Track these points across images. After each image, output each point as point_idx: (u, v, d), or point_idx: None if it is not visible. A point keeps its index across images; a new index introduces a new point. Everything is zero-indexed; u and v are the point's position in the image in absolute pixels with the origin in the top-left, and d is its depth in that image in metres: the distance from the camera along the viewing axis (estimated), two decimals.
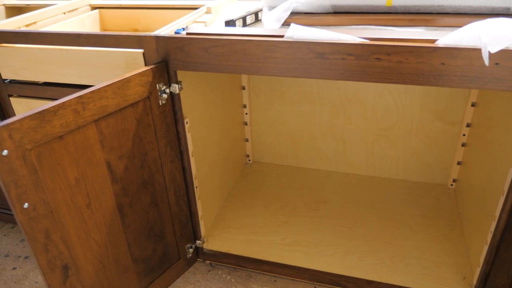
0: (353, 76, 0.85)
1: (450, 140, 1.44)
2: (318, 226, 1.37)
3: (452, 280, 1.15)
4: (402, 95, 1.41)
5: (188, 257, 1.26)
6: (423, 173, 1.54)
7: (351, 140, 1.55)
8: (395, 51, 0.81)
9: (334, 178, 1.60)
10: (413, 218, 1.38)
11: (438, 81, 0.81)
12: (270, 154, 1.69)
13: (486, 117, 1.20)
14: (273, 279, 1.27)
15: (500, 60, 0.76)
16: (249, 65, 0.91)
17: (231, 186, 1.57)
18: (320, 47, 0.85)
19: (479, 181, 1.20)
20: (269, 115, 1.60)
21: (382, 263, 1.22)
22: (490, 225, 0.99)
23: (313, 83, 1.48)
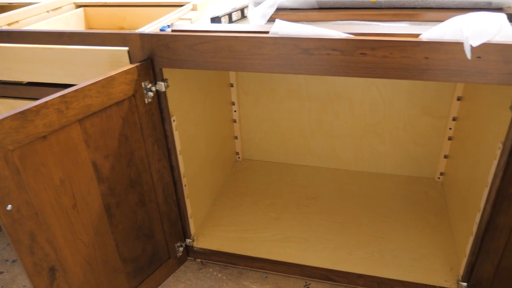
0: (339, 71, 0.85)
1: (437, 134, 1.45)
2: (308, 222, 1.37)
3: (440, 271, 1.16)
4: (389, 90, 1.42)
5: (178, 256, 1.25)
6: (411, 167, 1.55)
7: (340, 136, 1.56)
8: (379, 46, 0.81)
9: (324, 174, 1.60)
10: (402, 212, 1.40)
11: (423, 75, 0.81)
12: (259, 151, 1.70)
13: (471, 110, 1.21)
14: (264, 276, 1.27)
15: (482, 54, 0.77)
16: (236, 62, 0.91)
17: (221, 184, 1.57)
18: (305, 42, 0.85)
19: (465, 174, 1.21)
20: (258, 112, 1.60)
21: (372, 256, 1.23)
22: (475, 217, 1.00)
23: (301, 80, 1.49)
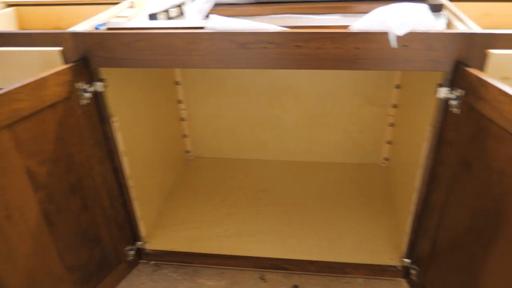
0: (276, 64, 0.87)
1: (379, 121, 1.51)
2: (260, 214, 1.39)
3: (386, 251, 1.22)
4: (333, 82, 1.46)
5: (129, 259, 1.23)
6: (357, 155, 1.61)
7: (289, 128, 1.59)
8: (312, 38, 0.84)
9: (274, 167, 1.63)
10: (350, 198, 1.45)
11: (354, 64, 0.85)
12: (210, 148, 1.69)
13: (407, 97, 1.28)
14: (220, 271, 1.28)
15: (408, 42, 0.81)
16: (175, 59, 0.91)
17: (172, 183, 1.56)
18: (241, 37, 0.86)
19: (404, 157, 1.27)
20: (207, 109, 1.60)
21: (322, 243, 1.26)
22: (413, 197, 1.06)
23: (247, 75, 1.50)
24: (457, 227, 0.91)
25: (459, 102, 0.84)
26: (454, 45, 0.81)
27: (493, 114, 0.75)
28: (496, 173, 0.77)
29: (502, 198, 0.76)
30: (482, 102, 0.78)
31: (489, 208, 0.80)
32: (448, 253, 0.95)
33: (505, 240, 0.76)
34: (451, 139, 0.89)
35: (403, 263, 1.15)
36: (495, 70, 0.85)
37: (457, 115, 0.85)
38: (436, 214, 0.97)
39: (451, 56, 0.82)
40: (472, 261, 0.87)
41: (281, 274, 1.24)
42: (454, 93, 0.85)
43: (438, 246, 0.99)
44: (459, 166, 0.88)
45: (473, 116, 0.81)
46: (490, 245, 0.81)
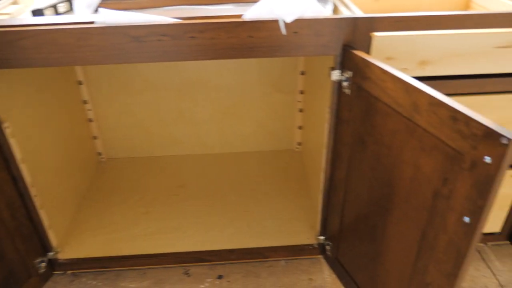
0: (172, 56, 0.87)
1: (289, 108, 1.57)
2: (178, 210, 1.38)
3: (303, 232, 1.28)
4: (240, 72, 1.48)
5: (41, 272, 1.16)
6: (272, 142, 1.65)
7: (201, 121, 1.59)
8: (206, 28, 0.84)
9: (190, 161, 1.62)
10: (267, 184, 1.49)
11: (250, 53, 0.87)
12: (123, 148, 1.64)
13: (311, 83, 1.34)
14: (142, 272, 1.25)
15: (297, 29, 0.85)
16: (64, 56, 0.86)
17: (85, 187, 1.49)
18: (134, 30, 0.84)
19: (314, 140, 1.33)
20: (115, 109, 1.55)
21: (241, 231, 1.29)
22: (321, 176, 1.12)
23: (154, 70, 1.47)
24: (359, 200, 0.97)
25: (349, 83, 0.89)
26: (340, 29, 0.86)
27: (378, 92, 0.82)
28: (385, 147, 0.84)
29: (391, 169, 0.83)
30: (368, 82, 0.84)
31: (382, 179, 0.87)
32: (354, 225, 1.02)
33: (398, 208, 0.83)
34: (347, 118, 0.95)
35: (319, 241, 1.21)
36: (379, 52, 0.92)
37: (349, 95, 0.91)
38: (341, 190, 1.04)
39: (338, 40, 0.87)
40: (374, 230, 0.94)
41: (205, 267, 1.25)
42: (344, 75, 0.90)
43: (345, 220, 1.06)
44: (356, 143, 0.94)
45: (362, 95, 0.87)
46: (387, 213, 0.88)
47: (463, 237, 0.66)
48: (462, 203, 0.65)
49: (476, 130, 0.60)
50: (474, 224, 0.63)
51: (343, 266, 1.12)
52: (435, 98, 0.67)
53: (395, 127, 0.79)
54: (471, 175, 0.63)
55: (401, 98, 0.75)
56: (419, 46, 0.91)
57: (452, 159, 0.67)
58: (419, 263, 0.79)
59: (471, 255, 0.65)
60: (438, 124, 0.68)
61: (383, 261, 0.92)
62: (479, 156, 0.61)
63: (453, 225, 0.68)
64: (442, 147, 0.68)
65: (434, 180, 0.71)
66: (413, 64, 0.93)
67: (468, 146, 0.62)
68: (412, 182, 0.77)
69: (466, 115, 0.62)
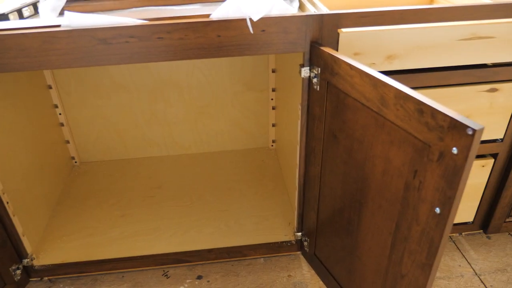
0: (141, 57, 0.86)
1: (262, 106, 1.57)
2: (155, 212, 1.37)
3: (280, 228, 1.29)
4: (212, 71, 1.48)
5: (17, 279, 1.14)
6: (247, 140, 1.65)
7: (175, 122, 1.58)
8: (174, 29, 0.84)
9: (166, 162, 1.61)
10: (243, 183, 1.49)
11: (219, 52, 0.87)
12: (97, 152, 1.62)
13: (282, 80, 1.34)
14: (121, 276, 1.24)
15: (265, 27, 0.85)
16: (29, 61, 0.84)
17: (59, 193, 1.46)
18: (101, 32, 0.83)
19: (288, 137, 1.34)
20: (87, 112, 1.52)
21: (219, 230, 1.29)
22: (296, 172, 1.13)
23: (124, 72, 1.45)
24: (334, 195, 0.99)
25: (319, 80, 0.90)
26: (307, 26, 0.87)
27: (347, 88, 0.83)
28: (357, 141, 0.85)
29: (363, 163, 0.84)
30: (337, 78, 0.85)
31: (355, 173, 0.88)
32: (330, 220, 1.03)
33: (371, 201, 0.85)
34: (318, 114, 0.96)
35: (296, 237, 1.22)
36: (347, 47, 0.93)
37: (319, 91, 0.92)
38: (316, 186, 1.05)
39: (306, 37, 0.88)
40: (349, 224, 0.95)
41: (184, 268, 1.25)
42: (313, 72, 0.91)
43: (321, 215, 1.07)
44: (328, 139, 0.95)
45: (332, 91, 0.88)
46: (361, 206, 0.89)
47: (435, 227, 0.68)
48: (432, 194, 0.67)
49: (442, 122, 0.62)
50: (445, 215, 0.65)
51: (321, 261, 1.13)
52: (402, 91, 0.69)
53: (365, 121, 0.81)
54: (439, 167, 0.64)
55: (369, 92, 0.76)
56: (386, 40, 0.93)
57: (420, 151, 0.68)
58: (394, 255, 0.81)
59: (444, 245, 0.67)
60: (405, 117, 0.69)
61: (359, 254, 0.94)
62: (446, 148, 0.62)
63: (425, 216, 0.70)
64: (411, 139, 0.70)
65: (405, 173, 0.73)
66: (381, 58, 0.95)
67: (435, 138, 0.64)
68: (384, 175, 0.79)
69: (432, 107, 0.64)
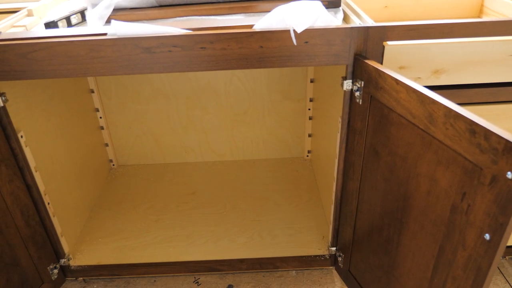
0: (183, 66, 0.86)
1: (299, 115, 1.56)
2: (189, 218, 1.38)
3: (314, 242, 1.26)
4: (250, 79, 1.48)
5: (54, 278, 1.17)
6: (282, 149, 1.64)
7: (211, 129, 1.58)
8: (217, 39, 0.84)
9: (201, 169, 1.62)
10: (277, 193, 1.48)
11: (261, 63, 0.86)
12: (134, 156, 1.65)
13: (321, 91, 1.32)
14: (152, 280, 1.25)
15: (308, 39, 0.84)
16: (76, 67, 0.87)
17: (97, 195, 1.49)
18: (145, 41, 0.84)
19: (324, 149, 1.32)
20: (126, 116, 1.55)
21: (252, 240, 1.28)
22: (333, 186, 1.10)
23: (163, 78, 1.47)
24: (372, 211, 0.96)
25: (361, 93, 0.88)
26: (351, 39, 0.85)
27: (392, 103, 0.80)
28: (400, 158, 0.82)
29: (406, 182, 0.81)
30: (381, 92, 0.82)
31: (397, 191, 0.85)
32: (367, 237, 1.00)
33: (413, 221, 0.82)
34: (359, 128, 0.93)
35: (330, 252, 1.20)
36: (392, 61, 0.91)
37: (361, 105, 0.90)
38: (354, 201, 1.02)
39: (349, 49, 0.86)
40: (388, 243, 0.92)
41: (215, 276, 1.24)
42: (356, 85, 0.89)
43: (358, 231, 1.04)
44: (369, 154, 0.92)
45: (375, 105, 0.86)
46: (401, 226, 0.86)
47: (484, 254, 0.64)
48: (482, 219, 0.63)
49: (496, 144, 0.59)
50: (496, 242, 0.61)
51: (355, 278, 1.10)
52: (452, 110, 0.66)
53: (410, 138, 0.78)
54: (491, 191, 0.61)
55: (415, 109, 0.73)
56: (433, 54, 0.90)
57: (471, 173, 0.65)
58: (437, 279, 0.77)
59: (492, 273, 0.64)
60: (455, 137, 0.66)
61: (398, 275, 0.90)
62: (500, 171, 0.59)
63: (472, 242, 0.66)
64: (460, 160, 0.66)
65: (452, 194, 0.70)
66: (427, 73, 0.92)
67: (488, 161, 0.61)
68: (428, 195, 0.76)
69: (485, 128, 0.60)
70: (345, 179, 1.04)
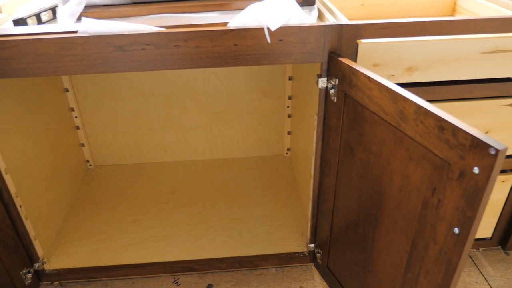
0: (157, 65, 0.85)
1: (278, 113, 1.56)
2: (168, 218, 1.37)
3: (293, 239, 1.26)
4: (228, 78, 1.47)
5: (27, 283, 1.14)
6: (261, 147, 1.64)
7: (190, 127, 1.57)
8: (191, 37, 0.83)
9: (180, 168, 1.61)
10: (257, 190, 1.47)
11: (235, 61, 0.85)
12: (111, 156, 1.62)
13: (299, 88, 1.33)
14: (131, 282, 1.23)
15: (283, 37, 0.84)
16: (46, 66, 0.85)
17: (73, 196, 1.47)
18: (118, 39, 0.83)
19: (302, 146, 1.32)
20: (102, 115, 1.53)
21: (231, 239, 1.27)
22: (310, 183, 1.11)
23: (141, 77, 1.45)
24: (348, 208, 0.96)
25: (336, 91, 0.89)
26: (325, 37, 0.86)
27: (365, 100, 0.81)
28: (373, 155, 0.83)
29: (380, 178, 0.82)
30: (355, 89, 0.83)
31: (371, 188, 0.86)
32: (344, 233, 1.01)
33: (387, 216, 0.82)
34: (334, 126, 0.94)
35: (309, 248, 1.20)
36: (366, 58, 0.91)
37: (336, 102, 0.90)
38: (330, 198, 1.03)
39: (324, 47, 0.87)
40: (363, 239, 0.93)
41: (195, 275, 1.23)
42: (331, 82, 0.89)
43: (335, 228, 1.05)
44: (344, 151, 0.93)
45: (350, 102, 0.86)
46: (376, 222, 0.87)
47: (454, 248, 0.65)
48: (451, 214, 0.64)
49: (464, 140, 0.60)
50: (464, 236, 0.62)
51: (333, 274, 1.11)
52: (422, 107, 0.67)
53: (382, 135, 0.79)
54: (459, 186, 0.62)
55: (387, 106, 0.74)
56: (406, 52, 0.91)
57: (440, 169, 0.66)
58: (410, 273, 0.78)
59: (462, 266, 0.65)
60: (425, 133, 0.67)
61: (374, 270, 0.91)
62: (467, 167, 0.60)
63: (443, 236, 0.67)
64: (430, 156, 0.67)
65: (423, 190, 0.70)
66: (400, 70, 0.93)
67: (456, 156, 0.62)
68: (401, 191, 0.76)
69: (453, 124, 0.61)
70: (322, 176, 1.04)
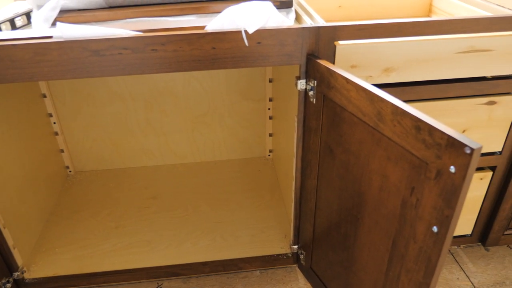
0: (134, 69, 0.84)
1: (259, 115, 1.56)
2: (150, 223, 1.35)
3: (276, 241, 1.27)
4: (208, 81, 1.46)
5: None
6: (243, 150, 1.64)
7: (171, 131, 1.56)
8: (168, 40, 0.82)
9: (162, 172, 1.59)
10: (240, 193, 1.47)
11: (213, 64, 0.85)
12: (92, 161, 1.60)
13: (280, 90, 1.33)
14: None
15: (261, 39, 0.84)
16: (20, 72, 0.83)
17: (53, 203, 1.44)
18: (94, 44, 0.82)
19: (284, 148, 1.33)
20: (81, 121, 1.50)
21: (214, 242, 1.27)
22: (292, 185, 1.11)
23: (120, 81, 1.44)
24: (330, 209, 0.97)
25: (315, 92, 0.89)
26: (303, 39, 0.86)
27: (343, 101, 0.81)
28: (353, 156, 0.83)
29: (360, 178, 0.83)
30: (333, 91, 0.83)
31: (351, 188, 0.87)
32: (326, 234, 1.01)
33: (367, 216, 0.83)
34: (314, 127, 0.94)
35: (292, 250, 1.21)
36: (344, 60, 0.92)
37: (315, 104, 0.91)
38: (312, 199, 1.03)
39: (302, 49, 0.87)
40: (345, 239, 0.93)
41: (179, 280, 1.23)
42: (310, 84, 0.90)
43: (317, 229, 1.05)
44: (324, 152, 0.94)
45: (328, 104, 0.87)
46: (357, 222, 0.88)
47: (433, 246, 0.66)
48: (430, 213, 0.65)
49: (440, 140, 0.61)
50: (443, 234, 0.63)
51: (317, 275, 1.11)
52: (399, 107, 0.67)
53: (361, 136, 0.79)
54: (437, 185, 0.63)
55: (365, 107, 0.75)
56: (383, 53, 0.92)
57: (418, 169, 0.67)
58: (391, 273, 0.79)
59: (442, 264, 0.66)
60: (402, 133, 0.68)
61: (356, 270, 0.92)
62: (444, 166, 0.61)
63: (422, 234, 0.68)
64: (408, 156, 0.68)
65: (402, 189, 0.71)
66: (378, 71, 0.94)
67: (433, 156, 0.63)
68: (380, 191, 0.77)
69: (429, 124, 0.62)
70: (304, 178, 1.05)
